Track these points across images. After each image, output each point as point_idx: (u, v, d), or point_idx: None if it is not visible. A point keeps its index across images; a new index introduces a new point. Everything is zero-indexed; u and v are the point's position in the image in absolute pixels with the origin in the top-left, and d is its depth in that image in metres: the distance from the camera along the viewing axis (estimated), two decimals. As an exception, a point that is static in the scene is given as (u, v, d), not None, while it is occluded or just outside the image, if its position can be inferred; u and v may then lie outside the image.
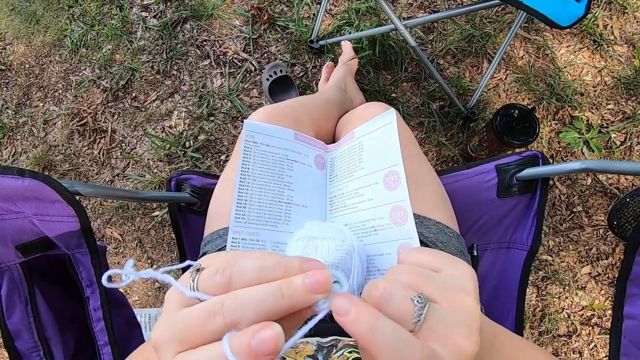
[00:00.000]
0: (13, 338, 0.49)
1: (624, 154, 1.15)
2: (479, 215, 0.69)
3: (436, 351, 0.21)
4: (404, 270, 0.24)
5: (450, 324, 0.22)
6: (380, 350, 0.19)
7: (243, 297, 0.20)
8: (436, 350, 0.21)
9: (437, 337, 0.21)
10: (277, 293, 0.20)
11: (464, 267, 0.25)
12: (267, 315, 0.20)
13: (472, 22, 1.21)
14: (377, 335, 0.19)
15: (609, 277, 1.12)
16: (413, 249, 0.27)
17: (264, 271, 0.21)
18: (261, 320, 0.19)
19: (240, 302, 0.20)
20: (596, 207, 1.14)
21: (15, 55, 1.39)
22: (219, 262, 0.22)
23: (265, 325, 0.19)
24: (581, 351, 1.11)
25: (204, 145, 1.22)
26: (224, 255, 0.23)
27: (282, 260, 0.22)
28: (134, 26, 1.32)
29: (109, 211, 1.25)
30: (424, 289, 0.23)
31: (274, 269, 0.21)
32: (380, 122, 0.57)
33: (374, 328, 0.20)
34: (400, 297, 0.22)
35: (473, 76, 1.21)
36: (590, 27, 1.19)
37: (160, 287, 1.23)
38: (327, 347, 0.41)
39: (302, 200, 0.57)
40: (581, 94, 1.17)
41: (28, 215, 0.47)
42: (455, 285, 0.24)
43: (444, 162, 1.18)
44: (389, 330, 0.20)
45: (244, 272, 0.21)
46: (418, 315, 0.21)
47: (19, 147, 1.33)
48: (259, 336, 0.18)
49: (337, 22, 1.24)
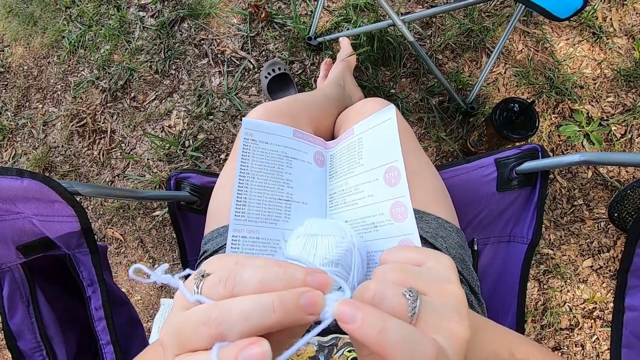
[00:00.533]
0: (16, 338, 0.49)
1: (625, 146, 1.14)
2: (479, 210, 0.69)
3: (439, 343, 0.21)
4: (390, 269, 0.25)
5: (442, 313, 0.22)
6: (393, 352, 0.19)
7: (230, 309, 0.20)
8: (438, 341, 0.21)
9: (432, 327, 0.22)
10: (268, 308, 0.19)
11: (443, 258, 0.26)
12: (256, 330, 0.19)
13: (471, 16, 1.20)
14: (388, 338, 0.19)
15: (611, 270, 1.12)
16: (393, 248, 0.28)
17: (266, 284, 0.21)
18: (250, 334, 0.19)
19: (226, 315, 0.19)
20: (597, 200, 1.13)
21: (13, 57, 1.39)
22: (221, 269, 0.22)
23: (254, 342, 0.18)
24: (583, 344, 1.11)
25: (203, 144, 1.22)
26: (226, 261, 0.23)
27: (286, 271, 0.21)
28: (132, 26, 1.32)
29: (109, 211, 1.25)
30: (412, 284, 0.23)
31: (276, 281, 0.21)
32: (380, 118, 0.57)
33: (383, 331, 0.19)
34: (392, 294, 0.22)
35: (472, 71, 1.20)
36: (590, 20, 1.18)
37: (161, 287, 1.23)
38: (328, 347, 0.41)
39: (302, 197, 0.57)
40: (581, 86, 1.17)
41: (28, 215, 0.47)
42: (439, 276, 0.25)
43: (444, 158, 1.18)
44: (399, 331, 0.20)
45: (245, 285, 0.21)
46: (412, 308, 0.22)
47: (19, 149, 1.33)
48: (246, 353, 0.18)
49: (335, 18, 1.23)
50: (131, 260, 1.24)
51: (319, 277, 0.21)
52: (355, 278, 0.47)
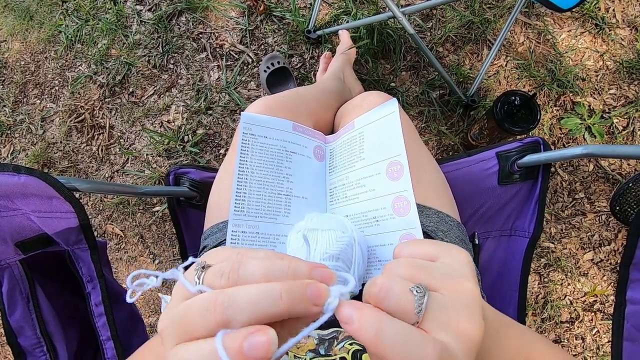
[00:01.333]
0: (16, 334, 0.49)
1: (626, 139, 1.14)
2: (480, 204, 0.69)
3: (445, 343, 0.20)
4: (400, 264, 0.24)
5: (452, 310, 0.22)
6: (390, 353, 0.19)
7: (237, 296, 0.19)
8: (444, 341, 0.20)
9: (440, 324, 0.21)
10: (276, 295, 0.19)
11: (459, 254, 0.25)
12: (262, 317, 0.19)
13: (472, 8, 1.19)
14: (384, 339, 0.19)
15: (612, 263, 1.12)
16: (408, 241, 0.27)
17: (271, 276, 0.20)
18: (255, 322, 0.19)
19: (232, 300, 0.19)
20: (598, 193, 1.13)
21: (10, 52, 1.37)
22: (223, 261, 0.22)
23: (260, 330, 0.18)
24: (584, 337, 1.11)
25: (202, 139, 1.22)
26: (228, 253, 0.23)
27: (290, 264, 0.21)
28: (129, 20, 1.31)
29: (109, 207, 1.25)
30: (422, 280, 0.23)
31: (281, 274, 0.21)
32: (382, 112, 0.56)
33: (380, 332, 0.19)
34: (399, 290, 0.22)
35: (473, 63, 1.19)
36: (592, 11, 1.17)
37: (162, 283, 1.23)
38: (328, 340, 0.41)
39: (302, 192, 0.57)
40: (583, 79, 1.16)
41: (26, 212, 0.46)
42: (453, 272, 0.24)
43: (445, 151, 1.17)
44: (396, 332, 0.19)
45: (249, 276, 0.21)
46: (419, 305, 0.21)
47: (17, 145, 1.32)
48: (252, 340, 0.18)
49: (335, 11, 1.22)
50: (131, 256, 1.24)
51: (323, 271, 0.21)
52: (355, 272, 0.47)
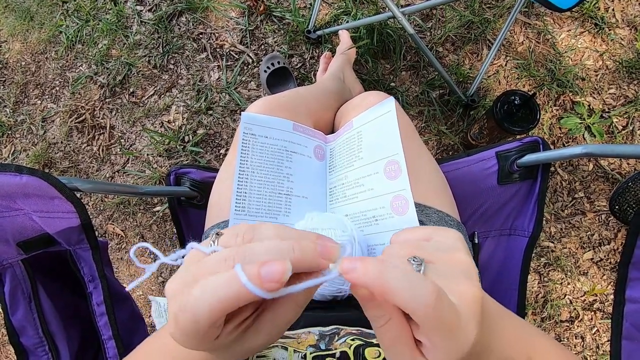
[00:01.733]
0: (18, 334, 0.50)
1: (626, 138, 1.14)
2: (480, 203, 0.69)
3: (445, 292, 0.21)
4: (397, 246, 0.26)
5: (449, 277, 0.23)
6: (393, 289, 0.20)
7: (254, 249, 0.22)
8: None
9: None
10: (289, 248, 0.21)
11: (449, 232, 0.26)
12: None
13: (471, 8, 1.19)
14: (387, 276, 0.20)
15: (611, 263, 1.12)
16: (402, 230, 0.29)
17: (283, 237, 0.23)
18: None
19: (252, 250, 0.21)
20: (598, 192, 1.13)
21: (11, 52, 1.38)
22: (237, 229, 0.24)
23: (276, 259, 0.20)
24: (583, 336, 1.11)
25: (203, 139, 1.22)
26: (239, 225, 0.25)
27: (299, 232, 0.24)
28: (129, 20, 1.31)
29: (110, 207, 1.25)
30: (418, 255, 0.24)
31: (291, 238, 0.23)
32: (379, 111, 0.56)
33: (383, 271, 0.20)
34: (397, 262, 0.23)
35: (473, 63, 1.19)
36: (591, 10, 1.17)
37: (163, 282, 1.23)
38: (329, 336, 0.41)
39: (302, 191, 0.57)
40: (582, 78, 1.16)
41: (28, 212, 0.47)
42: (446, 247, 0.25)
43: (445, 151, 1.17)
44: (398, 270, 0.20)
45: (263, 237, 0.23)
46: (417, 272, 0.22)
47: (18, 146, 1.32)
48: (269, 267, 0.20)
49: (334, 11, 1.22)
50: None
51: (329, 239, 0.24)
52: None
